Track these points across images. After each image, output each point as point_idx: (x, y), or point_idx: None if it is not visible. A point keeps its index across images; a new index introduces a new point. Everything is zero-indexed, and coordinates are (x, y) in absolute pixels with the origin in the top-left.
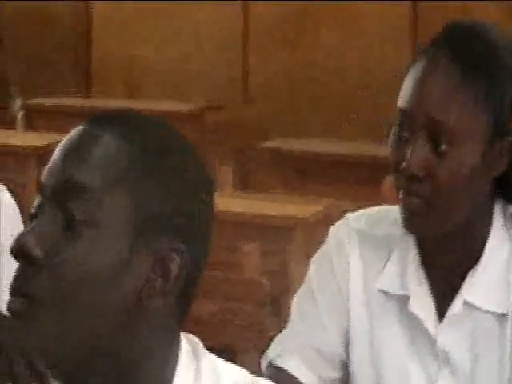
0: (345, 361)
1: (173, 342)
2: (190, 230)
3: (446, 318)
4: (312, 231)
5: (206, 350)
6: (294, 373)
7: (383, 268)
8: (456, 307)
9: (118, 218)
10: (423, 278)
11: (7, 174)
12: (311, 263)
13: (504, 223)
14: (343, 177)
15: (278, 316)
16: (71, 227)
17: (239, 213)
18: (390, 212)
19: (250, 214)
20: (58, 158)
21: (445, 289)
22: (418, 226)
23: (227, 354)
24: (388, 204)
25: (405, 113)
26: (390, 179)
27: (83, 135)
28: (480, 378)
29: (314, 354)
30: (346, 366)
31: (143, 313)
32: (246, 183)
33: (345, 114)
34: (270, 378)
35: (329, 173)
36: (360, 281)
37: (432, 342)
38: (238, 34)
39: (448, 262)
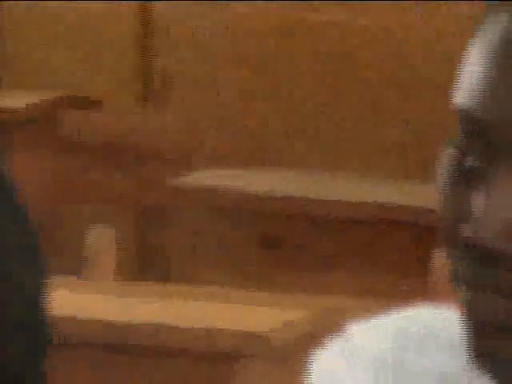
0: None
1: None
2: None
3: None
4: (282, 363)
5: None
6: None
7: None
8: None
9: None
10: None
11: None
12: None
13: None
14: (349, 247)
15: None
16: None
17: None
18: (443, 321)
19: (162, 331)
20: None
21: None
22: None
23: None
24: (442, 302)
25: (478, 124)
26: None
27: None
28: None
29: None
30: None
31: None
32: (148, 263)
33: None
34: None
35: (322, 240)
36: None
37: None
38: None
39: None
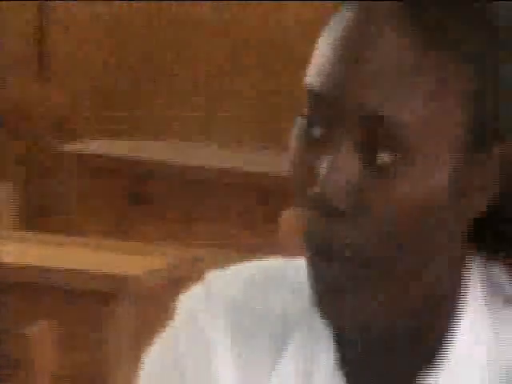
0: None
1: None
2: None
3: None
4: (147, 301)
5: None
6: None
7: (272, 369)
8: None
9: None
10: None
11: None
12: (144, 360)
13: (484, 296)
14: (210, 205)
15: None
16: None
17: (20, 273)
18: (288, 270)
19: (40, 271)
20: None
21: None
22: (338, 302)
23: None
24: (286, 254)
25: (321, 99)
26: (289, 214)
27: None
28: None
29: None
30: None
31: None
32: (36, 214)
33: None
34: None
35: (184, 197)
36: (234, 375)
37: None
38: None
39: (388, 364)
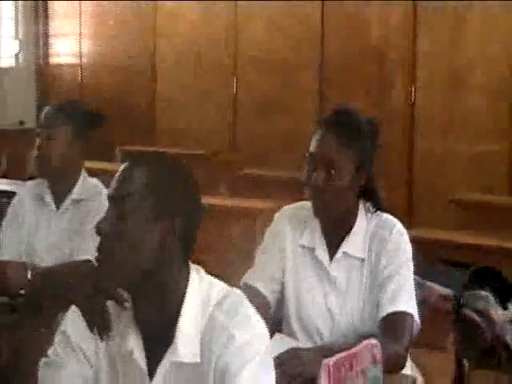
0: (283, 282)
1: (185, 265)
2: (186, 210)
3: (334, 260)
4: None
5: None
6: (258, 287)
7: (302, 233)
8: (339, 254)
9: (146, 208)
10: (323, 239)
11: None
12: (266, 231)
13: (364, 210)
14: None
15: None
16: (121, 215)
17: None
18: (306, 204)
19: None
20: (115, 179)
21: (334, 244)
22: (320, 213)
23: None
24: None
25: (313, 154)
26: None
27: (127, 167)
28: (350, 292)
29: (267, 278)
30: (283, 285)
31: (167, 251)
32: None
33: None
34: (244, 292)
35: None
36: (290, 239)
37: (327, 273)
38: None
39: (335, 231)
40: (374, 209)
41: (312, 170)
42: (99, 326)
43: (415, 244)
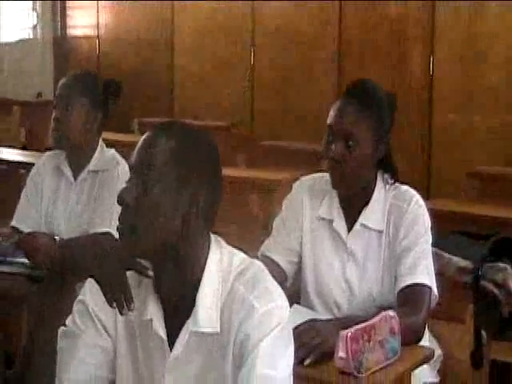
0: (300, 253)
1: (206, 235)
2: (209, 180)
3: (351, 232)
4: (286, 190)
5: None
6: (275, 258)
7: (320, 205)
8: (357, 226)
9: (169, 178)
10: (341, 211)
11: None
12: (283, 202)
13: (382, 182)
14: (301, 161)
15: None
16: (144, 186)
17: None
18: (325, 176)
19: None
20: (137, 149)
21: (352, 216)
22: (338, 185)
23: None
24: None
25: (331, 127)
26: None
27: (150, 136)
28: (368, 264)
29: (285, 249)
30: (300, 256)
31: (190, 222)
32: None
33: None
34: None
35: (295, 160)
36: (308, 210)
37: (344, 244)
38: None
39: (353, 203)
40: (391, 180)
41: (330, 142)
42: (119, 302)
43: (433, 216)
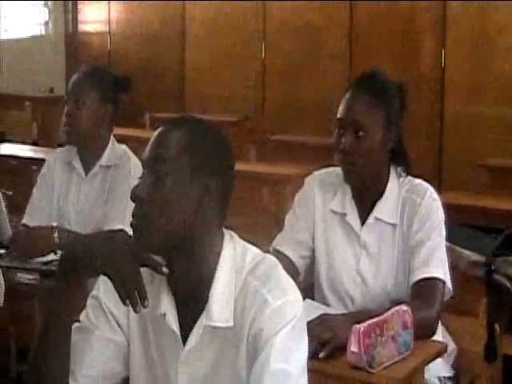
0: (312, 247)
1: (219, 229)
2: (222, 174)
3: (365, 225)
4: (298, 184)
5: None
6: (286, 253)
7: (333, 198)
8: (371, 220)
9: (182, 172)
10: (354, 204)
11: None
12: (296, 197)
13: (395, 175)
14: (312, 156)
15: None
16: (157, 180)
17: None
18: (336, 170)
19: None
20: (150, 144)
21: (365, 210)
22: (350, 177)
23: None
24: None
25: (341, 119)
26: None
27: (162, 131)
28: (382, 257)
29: (297, 244)
30: (313, 251)
31: (203, 216)
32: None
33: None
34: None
35: (306, 154)
36: (321, 205)
37: (358, 237)
38: None
39: (366, 196)
40: (405, 173)
41: (341, 135)
42: (133, 300)
43: (444, 209)
